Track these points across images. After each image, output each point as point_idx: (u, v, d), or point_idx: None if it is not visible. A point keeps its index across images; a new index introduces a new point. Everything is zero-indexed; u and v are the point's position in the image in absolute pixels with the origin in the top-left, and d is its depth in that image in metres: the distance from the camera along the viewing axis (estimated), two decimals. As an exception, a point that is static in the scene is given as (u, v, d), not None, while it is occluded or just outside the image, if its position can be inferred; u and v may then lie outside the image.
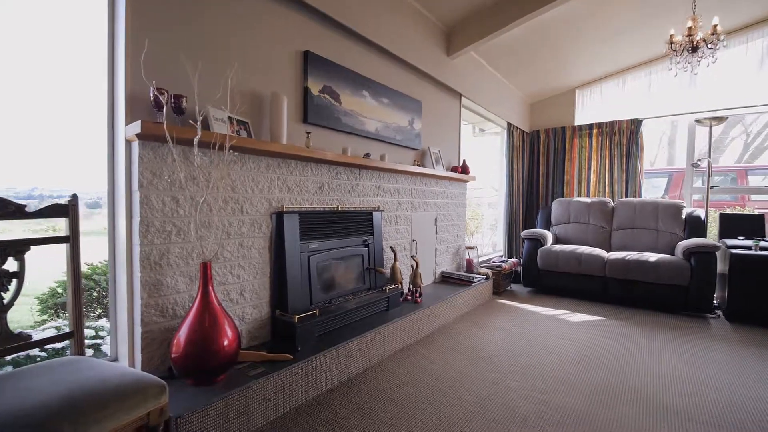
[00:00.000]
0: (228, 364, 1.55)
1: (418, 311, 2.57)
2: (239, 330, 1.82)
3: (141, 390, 1.01)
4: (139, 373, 1.09)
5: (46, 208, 1.20)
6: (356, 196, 2.54)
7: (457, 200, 3.78)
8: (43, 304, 2.17)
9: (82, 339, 1.25)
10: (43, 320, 2.10)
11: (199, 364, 1.48)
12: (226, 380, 1.55)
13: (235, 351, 1.57)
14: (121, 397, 0.97)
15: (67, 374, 1.02)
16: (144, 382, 1.04)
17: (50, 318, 2.15)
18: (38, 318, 2.13)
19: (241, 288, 1.85)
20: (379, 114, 2.79)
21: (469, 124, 5.34)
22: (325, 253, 2.24)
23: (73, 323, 1.23)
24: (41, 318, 2.14)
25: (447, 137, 3.70)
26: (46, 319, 2.11)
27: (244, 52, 1.91)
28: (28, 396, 0.90)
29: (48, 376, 1.00)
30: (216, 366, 1.51)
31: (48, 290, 2.12)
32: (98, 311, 2.12)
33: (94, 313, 2.10)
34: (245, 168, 1.86)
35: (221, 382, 1.54)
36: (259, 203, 1.92)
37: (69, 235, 1.24)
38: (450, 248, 3.69)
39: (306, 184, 2.17)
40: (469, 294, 3.25)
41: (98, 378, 1.01)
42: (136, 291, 1.52)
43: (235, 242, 1.82)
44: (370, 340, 2.14)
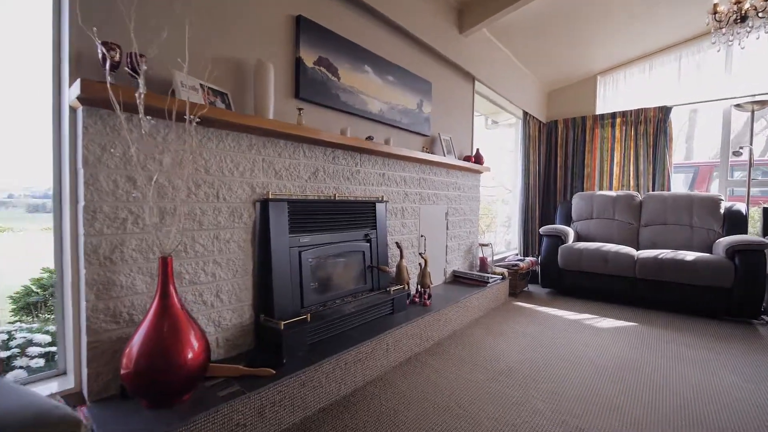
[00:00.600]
0: (193, 380, 1.27)
1: (427, 315, 2.26)
2: (212, 338, 1.54)
3: (41, 429, 0.73)
4: (49, 403, 0.80)
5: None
6: (357, 184, 2.23)
7: (469, 193, 3.45)
8: (17, 304, 1.93)
9: None
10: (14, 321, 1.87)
11: (154, 382, 1.19)
12: (190, 402, 1.27)
13: (201, 365, 1.29)
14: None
15: None
16: (49, 418, 0.75)
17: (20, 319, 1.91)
18: (11, 319, 1.90)
19: (216, 288, 1.57)
20: (384, 93, 2.48)
21: (481, 115, 5.00)
22: (320, 248, 1.95)
23: None
24: (14, 319, 1.90)
25: (459, 124, 3.38)
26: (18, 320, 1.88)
27: (224, 12, 1.62)
28: None
29: None
30: (177, 383, 1.23)
31: (22, 288, 1.88)
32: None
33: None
34: (223, 146, 1.57)
35: (184, 403, 1.26)
36: (239, 188, 1.63)
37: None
38: (462, 245, 3.37)
39: (297, 168, 1.88)
40: (483, 296, 2.93)
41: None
42: (82, 292, 1.24)
43: (209, 234, 1.53)
44: (372, 350, 1.84)
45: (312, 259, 1.91)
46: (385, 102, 2.49)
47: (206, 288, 1.53)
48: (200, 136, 1.50)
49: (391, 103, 2.55)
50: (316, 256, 1.93)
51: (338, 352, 1.68)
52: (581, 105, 4.98)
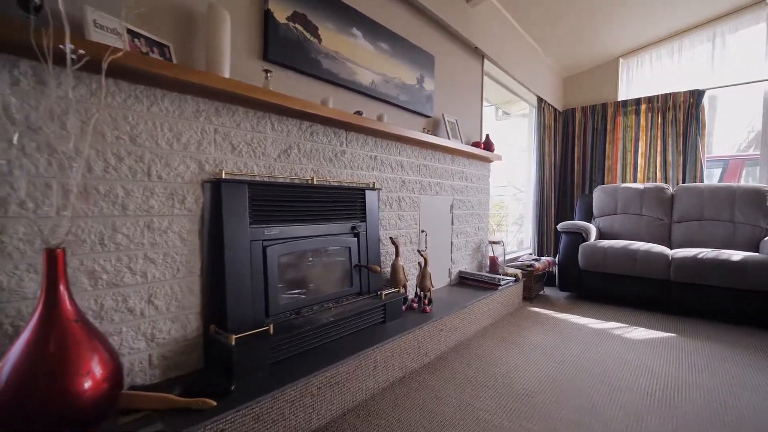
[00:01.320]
0: (92, 416, 0.92)
1: (427, 324, 1.88)
2: (141, 356, 1.19)
3: None
4: None
5: None
6: (342, 167, 1.87)
7: (478, 183, 3.07)
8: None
9: None
10: None
11: (29, 419, 0.85)
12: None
13: (105, 396, 0.94)
14: None
15: None
16: None
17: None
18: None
19: (149, 292, 1.22)
20: (377, 63, 2.12)
21: (491, 105, 4.60)
22: (292, 242, 1.59)
23: None
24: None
25: (466, 106, 3.00)
26: None
27: (162, -60, 1.28)
28: None
29: None
30: (67, 420, 0.88)
31: None
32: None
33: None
34: (157, 109, 1.22)
35: (77, 453, 0.91)
36: (181, 164, 1.28)
37: None
38: (470, 243, 2.98)
39: (263, 143, 1.53)
40: (494, 300, 2.54)
41: None
42: (-59, 296, 0.90)
43: (137, 221, 1.19)
44: (355, 369, 1.48)
45: (282, 257, 1.55)
46: (378, 73, 2.13)
47: (133, 291, 1.19)
48: (124, 95, 1.15)
49: (386, 76, 2.18)
50: (287, 253, 1.58)
51: (310, 373, 1.32)
52: (601, 91, 4.55)
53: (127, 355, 1.18)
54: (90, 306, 1.10)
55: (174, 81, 1.20)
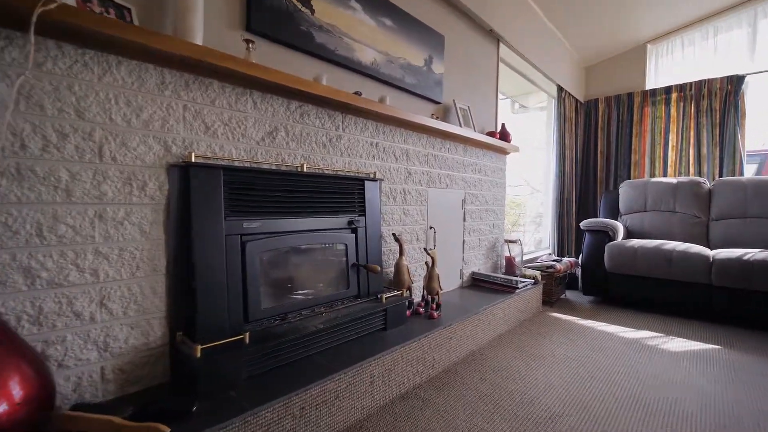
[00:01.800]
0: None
1: (434, 332, 1.66)
2: (91, 368, 1.01)
3: None
4: None
5: None
6: (337, 154, 1.67)
7: (493, 177, 2.82)
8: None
9: None
10: None
11: None
12: (-7, 493, 0.73)
13: (24, 419, 0.76)
14: None
15: None
16: None
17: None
18: None
19: (101, 293, 1.04)
20: (379, 40, 1.91)
21: (506, 98, 4.34)
22: (278, 238, 1.39)
23: None
24: None
25: (479, 93, 2.76)
26: None
27: None
28: None
29: None
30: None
31: None
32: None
33: None
34: (111, 80, 1.04)
35: (-19, 496, 0.73)
36: (141, 145, 1.10)
37: None
38: (484, 241, 2.74)
39: (243, 123, 1.33)
40: (510, 305, 2.29)
41: None
42: None
43: (85, 210, 1.01)
44: (348, 385, 1.27)
45: (265, 254, 1.36)
46: (380, 52, 1.92)
47: (81, 292, 1.01)
48: (69, 60, 0.97)
49: (389, 55, 1.97)
50: (271, 250, 1.38)
51: (292, 390, 1.12)
52: (627, 80, 4.23)
53: (74, 368, 1.00)
54: (25, 310, 0.92)
55: (132, 46, 1.02)
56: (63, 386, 0.98)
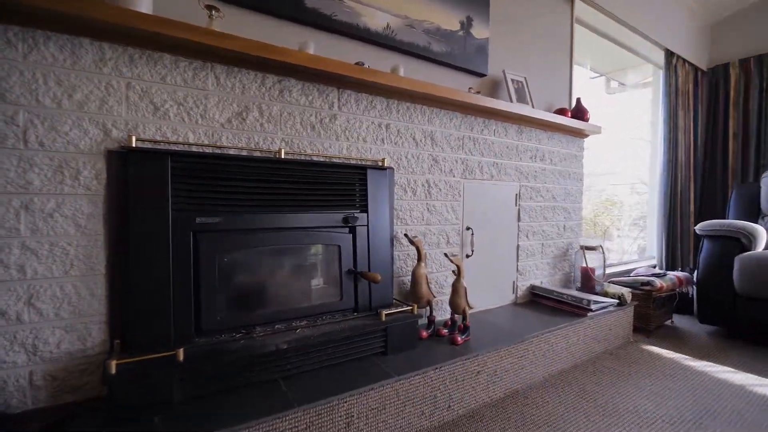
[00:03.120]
0: None
1: (453, 362, 1.28)
2: (19, 372, 0.91)
3: None
4: None
5: None
6: (331, 137, 1.40)
7: (563, 166, 2.24)
8: None
9: None
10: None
11: None
12: None
13: None
14: None
15: None
16: None
17: None
18: None
19: (28, 291, 0.94)
20: (395, 1, 1.59)
21: (598, 76, 3.56)
22: (245, 236, 1.18)
23: None
24: None
25: (545, 62, 2.22)
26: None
27: None
28: None
29: None
30: None
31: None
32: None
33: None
34: (39, 57, 0.94)
35: None
36: (74, 129, 0.98)
37: None
38: (549, 247, 2.18)
39: (202, 102, 1.16)
40: (579, 332, 1.74)
41: None
42: None
43: (10, 201, 0.92)
44: (308, 426, 0.99)
45: (228, 255, 1.16)
46: (397, 15, 1.60)
47: (6, 289, 0.92)
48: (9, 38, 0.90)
49: (408, 18, 1.64)
50: (236, 249, 1.18)
51: (234, 424, 0.88)
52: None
53: (0, 372, 0.91)
54: (-60, 306, 0.86)
55: (61, 17, 0.90)
56: None
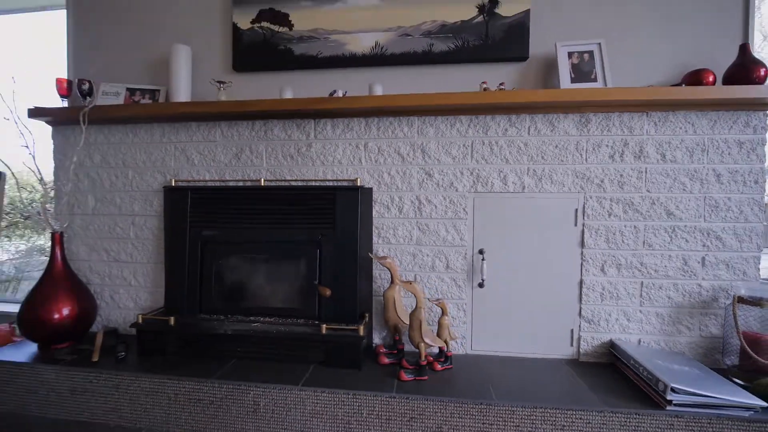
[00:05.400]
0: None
1: (373, 396, 1.21)
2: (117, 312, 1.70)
3: None
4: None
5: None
6: (308, 164, 1.58)
7: (702, 162, 1.39)
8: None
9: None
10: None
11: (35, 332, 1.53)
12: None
13: (63, 324, 1.49)
14: None
15: None
16: None
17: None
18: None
19: (134, 271, 1.71)
20: (382, 18, 1.57)
21: None
22: (232, 246, 1.57)
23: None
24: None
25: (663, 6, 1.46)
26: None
27: (160, 15, 1.74)
28: None
29: None
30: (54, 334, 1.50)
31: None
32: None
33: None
34: (133, 138, 1.68)
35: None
36: (151, 177, 1.68)
37: (-9, 200, 1.69)
38: (661, 290, 1.41)
39: (213, 150, 1.63)
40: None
41: None
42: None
43: (128, 220, 1.70)
44: (224, 398, 1.28)
45: (220, 258, 1.59)
46: (388, 29, 1.57)
47: (126, 267, 1.71)
48: (120, 133, 1.70)
49: (402, 28, 1.56)
50: (225, 255, 1.58)
51: (183, 376, 1.31)
52: None
53: (122, 309, 1.71)
54: (92, 274, 1.73)
55: (140, 116, 1.61)
56: (115, 319, 1.71)
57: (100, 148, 1.71)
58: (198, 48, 1.70)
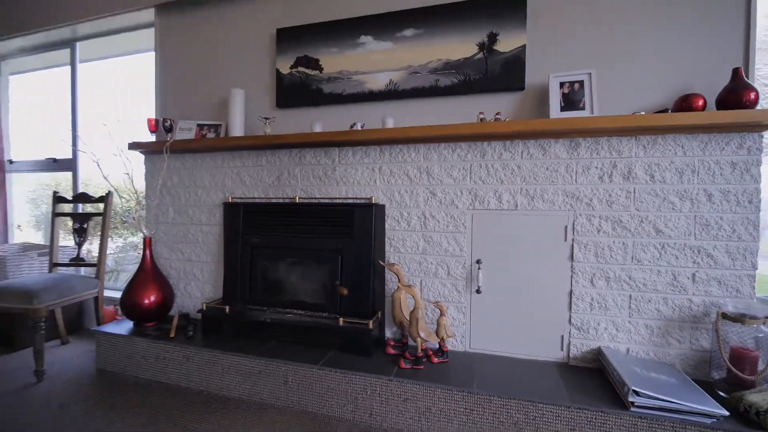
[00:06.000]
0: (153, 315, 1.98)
1: (376, 377, 1.48)
2: (187, 300, 2.15)
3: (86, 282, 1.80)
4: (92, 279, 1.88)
5: (101, 197, 2.27)
6: (332, 184, 1.89)
7: (692, 182, 1.45)
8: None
9: (100, 266, 2.20)
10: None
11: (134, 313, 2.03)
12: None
13: (158, 308, 1.97)
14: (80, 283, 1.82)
15: (60, 278, 1.97)
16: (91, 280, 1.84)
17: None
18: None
19: (201, 269, 2.15)
20: (396, 58, 1.84)
21: None
22: (274, 250, 1.94)
23: (99, 262, 2.21)
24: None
25: (662, 25, 1.55)
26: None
27: (223, 66, 2.17)
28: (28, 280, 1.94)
29: (52, 277, 2.00)
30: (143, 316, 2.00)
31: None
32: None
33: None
34: (202, 162, 2.12)
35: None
36: (215, 194, 2.11)
37: (104, 211, 2.24)
38: (651, 303, 1.50)
39: (260, 173, 2.02)
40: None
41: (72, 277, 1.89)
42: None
43: (198, 229, 2.15)
44: (261, 372, 1.63)
45: (265, 261, 1.96)
46: (399, 69, 1.83)
47: (196, 265, 2.16)
48: (192, 160, 2.15)
49: (411, 67, 1.82)
50: (268, 258, 1.95)
51: (235, 352, 1.70)
52: None
53: (192, 298, 2.17)
54: (175, 265, 2.20)
55: (204, 148, 2.05)
56: (187, 306, 2.17)
57: (178, 172, 2.19)
58: (250, 89, 2.10)
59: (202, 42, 2.21)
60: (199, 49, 2.22)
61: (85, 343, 2.32)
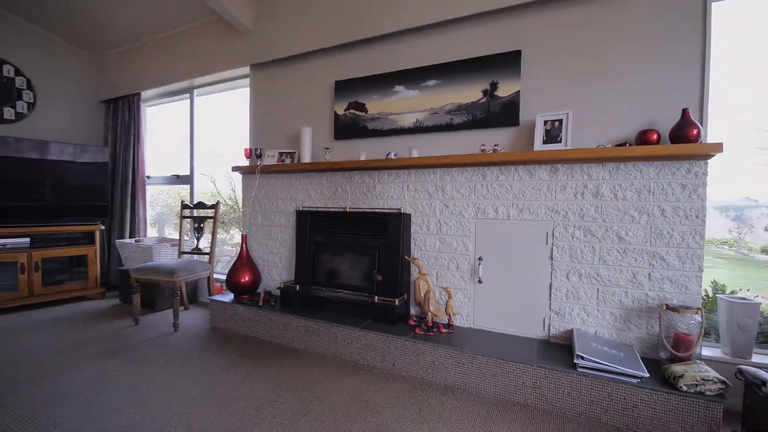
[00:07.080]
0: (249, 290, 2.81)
1: (395, 338, 2.08)
2: (269, 282, 2.95)
3: (203, 265, 2.71)
4: (207, 263, 2.78)
5: (200, 203, 3.17)
6: (373, 198, 2.52)
7: (649, 200, 1.83)
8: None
9: (212, 255, 3.09)
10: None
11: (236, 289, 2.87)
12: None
13: (250, 287, 2.78)
14: (200, 266, 2.73)
15: (187, 262, 2.90)
16: (206, 264, 2.74)
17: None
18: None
19: (280, 258, 2.93)
20: (422, 103, 2.42)
21: None
22: (331, 246, 2.63)
23: (211, 252, 3.10)
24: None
25: (627, 75, 1.93)
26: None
27: (301, 109, 2.94)
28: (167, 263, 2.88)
29: (182, 261, 2.93)
30: (243, 290, 2.83)
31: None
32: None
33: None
34: (285, 182, 2.90)
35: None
36: (290, 204, 2.87)
37: (214, 215, 3.13)
38: (615, 296, 1.89)
39: (321, 188, 2.72)
40: (557, 383, 1.71)
41: (193, 262, 2.80)
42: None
43: (278, 229, 2.94)
44: (318, 334, 2.32)
45: (324, 254, 2.66)
46: (423, 111, 2.41)
47: (276, 256, 2.95)
48: (275, 178, 2.94)
49: (432, 109, 2.38)
50: (327, 252, 2.64)
51: (306, 316, 2.43)
52: None
53: (273, 281, 2.95)
54: (261, 256, 3.00)
55: (284, 170, 2.81)
56: (270, 285, 2.96)
57: (265, 187, 3.00)
58: (315, 126, 2.83)
59: (283, 90, 3.00)
60: (280, 95, 3.01)
61: (200, 310, 3.24)
